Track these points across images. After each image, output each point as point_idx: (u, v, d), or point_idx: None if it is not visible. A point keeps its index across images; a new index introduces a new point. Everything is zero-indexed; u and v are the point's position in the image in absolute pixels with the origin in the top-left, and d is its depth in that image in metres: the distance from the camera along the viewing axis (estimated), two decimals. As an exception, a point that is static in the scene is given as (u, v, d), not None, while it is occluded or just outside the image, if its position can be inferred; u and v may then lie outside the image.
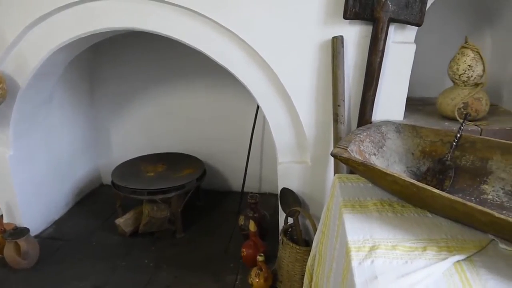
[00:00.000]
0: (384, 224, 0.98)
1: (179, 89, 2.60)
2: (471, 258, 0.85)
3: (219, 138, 2.65)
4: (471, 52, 1.50)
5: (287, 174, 1.75)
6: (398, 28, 1.49)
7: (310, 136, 1.64)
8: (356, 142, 1.17)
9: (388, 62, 1.50)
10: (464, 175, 1.14)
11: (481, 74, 1.51)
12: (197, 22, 1.57)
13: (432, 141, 1.23)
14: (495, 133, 1.48)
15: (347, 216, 1.03)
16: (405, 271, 0.80)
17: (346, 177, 1.28)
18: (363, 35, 1.49)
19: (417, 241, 0.91)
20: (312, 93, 1.58)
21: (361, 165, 1.04)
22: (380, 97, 1.53)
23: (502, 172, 1.08)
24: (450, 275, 0.80)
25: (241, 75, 1.61)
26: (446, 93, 1.60)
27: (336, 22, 1.48)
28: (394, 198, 1.11)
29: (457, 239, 0.92)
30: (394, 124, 1.31)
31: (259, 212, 2.12)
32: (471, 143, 1.16)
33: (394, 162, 1.23)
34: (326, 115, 1.59)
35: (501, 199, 1.05)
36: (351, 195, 1.15)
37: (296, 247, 1.65)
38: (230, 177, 2.76)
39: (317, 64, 1.54)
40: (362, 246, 0.90)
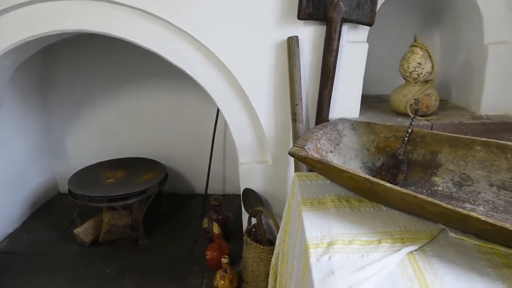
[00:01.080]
0: (341, 219, 1.00)
1: (137, 92, 2.54)
2: (423, 248, 0.89)
3: (181, 140, 2.61)
4: (420, 50, 1.56)
5: (248, 174, 1.75)
6: (351, 28, 1.53)
7: (270, 136, 1.65)
8: (313, 141, 1.19)
9: (343, 61, 1.53)
10: (416, 168, 1.19)
11: (430, 71, 1.58)
12: (151, 23, 1.54)
13: (385, 137, 1.27)
14: (445, 127, 1.55)
15: (306, 214, 1.05)
16: (361, 265, 0.82)
17: (305, 175, 1.30)
18: (318, 35, 1.52)
19: (372, 234, 0.94)
20: (270, 93, 1.59)
21: (318, 163, 1.05)
22: (336, 95, 1.57)
23: (451, 164, 1.13)
24: (404, 266, 0.82)
25: (199, 77, 1.60)
26: (398, 90, 1.66)
27: (291, 23, 1.50)
28: (351, 193, 1.13)
29: (410, 230, 0.95)
30: (350, 122, 1.34)
31: (223, 214, 2.11)
32: (422, 138, 1.20)
33: (351, 159, 1.26)
34: (285, 115, 1.61)
35: (450, 189, 1.10)
36: (310, 193, 1.16)
37: (259, 246, 1.66)
38: (193, 179, 2.73)
39: (274, 64, 1.55)
40: (320, 242, 0.91)
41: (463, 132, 1.55)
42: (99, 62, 2.46)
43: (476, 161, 1.09)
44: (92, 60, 2.46)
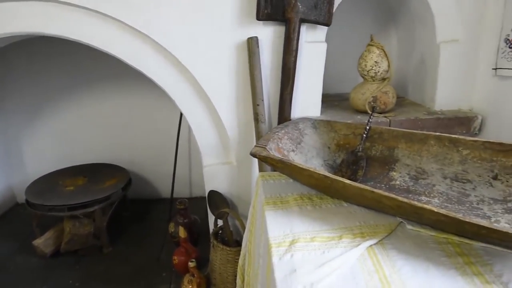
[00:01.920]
0: (303, 217, 1.01)
1: (96, 96, 2.47)
2: (382, 242, 0.91)
3: (144, 144, 2.56)
4: (377, 49, 1.60)
5: (213, 176, 1.74)
6: (310, 28, 1.55)
7: (233, 137, 1.65)
8: (274, 140, 1.20)
9: (303, 61, 1.55)
10: (375, 164, 1.22)
11: (387, 69, 1.62)
12: (107, 25, 1.49)
13: (345, 134, 1.30)
14: (402, 123, 1.60)
15: (268, 213, 1.05)
16: (322, 261, 0.83)
17: (268, 175, 1.31)
18: (277, 35, 1.53)
19: (333, 230, 0.95)
20: (232, 94, 1.58)
21: (279, 162, 1.06)
22: (297, 94, 1.58)
23: (407, 158, 1.17)
24: (364, 260, 0.84)
25: (158, 79, 1.57)
26: (357, 88, 1.70)
27: (250, 23, 1.50)
28: (313, 191, 1.14)
29: (370, 224, 0.97)
30: (311, 120, 1.36)
31: (189, 218, 2.09)
32: (379, 134, 1.24)
33: (312, 157, 1.27)
34: (247, 115, 1.61)
35: (407, 183, 1.13)
36: (273, 192, 1.17)
37: (226, 248, 1.65)
38: (159, 184, 2.68)
39: (235, 65, 1.55)
40: (282, 241, 0.91)
41: (419, 127, 1.61)
42: (57, 65, 2.38)
43: (430, 155, 1.14)
44: (50, 63, 2.37)
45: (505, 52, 1.52)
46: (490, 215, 0.97)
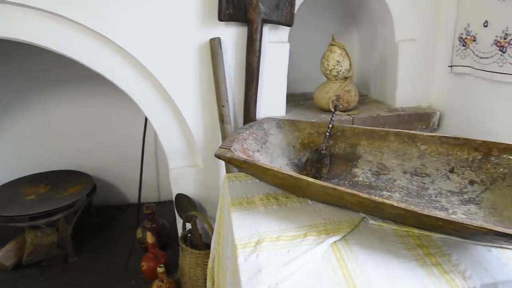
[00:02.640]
0: (269, 217, 1.02)
1: (56, 100, 2.38)
2: (346, 238, 0.93)
3: (109, 149, 2.49)
4: (338, 49, 1.63)
5: (180, 179, 1.72)
6: (272, 28, 1.55)
7: (199, 139, 1.63)
8: (239, 141, 1.19)
9: (266, 61, 1.56)
10: (338, 161, 1.24)
11: (349, 68, 1.66)
12: (64, 26, 1.44)
13: (309, 133, 1.32)
14: (365, 121, 1.64)
15: (234, 215, 1.05)
16: (287, 260, 0.83)
17: (234, 176, 1.30)
18: (240, 36, 1.52)
19: (299, 228, 0.96)
20: (196, 95, 1.57)
21: (244, 163, 1.06)
22: (262, 95, 1.59)
23: (369, 155, 1.20)
24: (328, 257, 0.85)
25: (120, 82, 1.53)
26: (321, 87, 1.72)
27: (213, 24, 1.49)
28: (279, 191, 1.15)
29: (334, 221, 0.99)
30: (275, 120, 1.37)
31: (157, 222, 2.05)
32: (342, 132, 1.26)
33: (278, 156, 1.28)
34: (213, 117, 1.59)
35: (369, 179, 1.16)
36: (239, 193, 1.16)
37: (195, 252, 1.63)
38: (125, 189, 2.62)
39: (198, 66, 1.53)
40: (248, 242, 0.91)
41: (381, 124, 1.65)
42: (13, 70, 2.27)
43: (390, 151, 1.17)
44: (8, 66, 2.26)
45: (459, 50, 1.59)
46: (448, 207, 1.01)
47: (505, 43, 1.34)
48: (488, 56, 1.42)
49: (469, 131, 1.56)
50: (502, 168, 1.01)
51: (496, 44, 1.38)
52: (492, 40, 1.40)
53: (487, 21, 1.42)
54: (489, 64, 1.42)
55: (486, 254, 0.87)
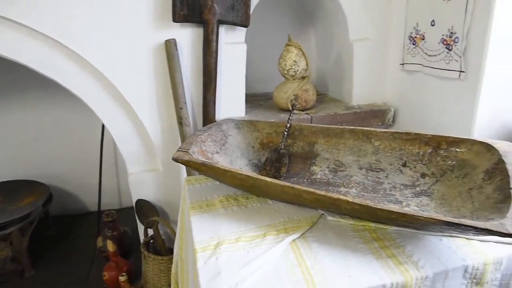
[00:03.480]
0: (229, 219, 1.01)
1: (8, 107, 2.26)
2: (305, 235, 0.94)
3: (65, 156, 2.39)
4: (295, 49, 1.65)
5: (140, 184, 1.68)
6: (229, 29, 1.55)
7: (157, 142, 1.60)
8: (197, 143, 1.18)
9: (223, 62, 1.55)
10: (297, 160, 1.25)
11: (306, 68, 1.68)
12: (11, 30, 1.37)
13: (268, 133, 1.32)
14: (323, 119, 1.67)
15: (194, 218, 1.03)
16: (247, 261, 0.83)
17: (194, 179, 1.29)
18: (196, 37, 1.51)
19: (258, 229, 0.96)
20: (153, 98, 1.54)
21: (202, 165, 1.04)
22: (221, 96, 1.58)
23: (326, 153, 1.22)
24: (287, 255, 0.86)
25: (73, 87, 1.47)
26: (279, 87, 1.74)
27: (167, 26, 1.47)
28: (239, 192, 1.15)
29: (293, 219, 1.00)
30: (234, 121, 1.36)
31: (118, 230, 1.99)
32: (299, 131, 1.27)
33: (237, 157, 1.28)
34: (171, 119, 1.57)
35: (327, 176, 1.18)
36: (198, 196, 1.15)
37: (158, 258, 1.60)
38: (84, 197, 2.53)
39: (154, 68, 1.50)
40: (208, 245, 0.90)
41: (339, 122, 1.69)
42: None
43: (346, 148, 1.19)
44: None
45: (410, 48, 1.65)
46: (402, 199, 1.05)
47: (450, 41, 1.40)
48: (436, 54, 1.49)
49: (422, 126, 1.63)
50: (450, 161, 1.06)
51: (442, 42, 1.45)
52: (439, 39, 1.46)
53: (434, 21, 1.48)
54: (437, 61, 1.48)
55: (437, 244, 0.91)
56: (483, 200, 0.90)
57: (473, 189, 0.96)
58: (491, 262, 0.86)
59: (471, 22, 1.31)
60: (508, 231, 0.72)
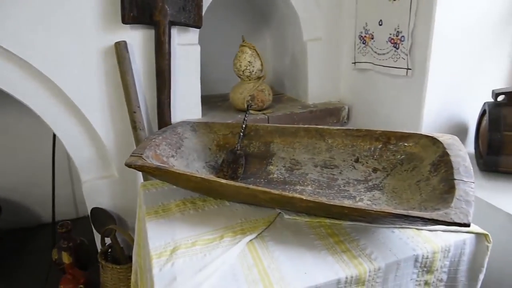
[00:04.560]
0: (185, 223, 1.00)
1: None
2: (262, 235, 0.94)
3: (15, 166, 2.27)
4: (249, 49, 1.66)
5: (94, 192, 1.62)
6: (181, 31, 1.53)
7: (111, 148, 1.55)
8: (151, 147, 1.15)
9: (177, 64, 1.53)
10: (254, 160, 1.26)
11: (261, 68, 1.69)
12: None
13: (224, 134, 1.31)
14: (280, 119, 1.69)
15: (150, 224, 1.01)
16: (203, 265, 0.82)
17: (150, 183, 1.26)
18: (147, 39, 1.48)
19: (215, 231, 0.95)
20: (104, 102, 1.49)
21: (156, 170, 1.02)
22: (176, 98, 1.56)
23: (282, 152, 1.23)
24: (244, 256, 0.86)
25: (17, 92, 1.40)
26: (235, 88, 1.74)
27: (117, 28, 1.43)
28: (196, 195, 1.14)
29: (251, 220, 1.00)
30: (189, 124, 1.34)
31: (73, 241, 1.91)
32: (255, 131, 1.28)
33: (194, 160, 1.26)
34: (125, 124, 1.52)
35: (283, 175, 1.19)
36: (154, 201, 1.13)
37: (116, 267, 1.55)
38: (37, 208, 2.41)
39: (104, 71, 1.45)
40: (163, 251, 0.88)
41: (295, 121, 1.71)
42: None
43: (301, 146, 1.21)
44: None
45: (360, 48, 1.70)
46: (355, 194, 1.07)
47: (397, 40, 1.46)
48: (385, 53, 1.54)
49: (376, 122, 1.68)
50: (399, 155, 1.10)
51: (390, 41, 1.50)
52: (386, 38, 1.52)
53: (381, 20, 1.54)
54: (386, 59, 1.54)
55: (390, 236, 0.94)
56: (430, 192, 0.94)
57: (421, 181, 1.00)
58: (440, 250, 0.90)
59: (415, 21, 1.36)
60: (453, 220, 0.75)
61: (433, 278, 0.93)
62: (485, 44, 1.39)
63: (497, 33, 1.39)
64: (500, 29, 1.39)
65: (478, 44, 1.38)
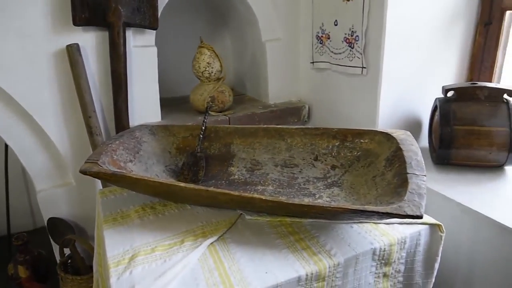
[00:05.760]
0: (145, 229, 0.98)
1: None
2: (223, 237, 0.94)
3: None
4: (207, 50, 1.65)
5: (51, 201, 1.55)
6: (137, 32, 1.50)
7: (67, 155, 1.49)
8: (108, 153, 1.12)
9: (134, 66, 1.50)
10: (214, 162, 1.25)
11: (220, 69, 1.68)
12: None
13: (184, 137, 1.30)
14: (241, 119, 1.69)
15: (107, 232, 0.98)
16: (163, 270, 0.80)
17: (109, 190, 1.23)
18: (101, 41, 1.44)
19: (175, 236, 0.94)
20: (58, 108, 1.43)
21: (113, 176, 0.99)
22: (133, 101, 1.52)
23: (243, 153, 1.23)
24: (205, 259, 0.85)
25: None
26: (195, 89, 1.72)
27: (68, 30, 1.38)
28: (156, 199, 1.12)
29: (212, 223, 0.99)
30: (148, 127, 1.32)
31: (31, 253, 1.82)
32: (215, 133, 1.27)
33: (153, 164, 1.24)
34: (80, 129, 1.47)
35: (244, 176, 1.19)
36: (113, 208, 1.10)
37: (76, 278, 1.49)
38: (-10, 221, 2.28)
39: (56, 76, 1.40)
40: (122, 259, 0.86)
41: (256, 121, 1.72)
42: None
43: (261, 146, 1.22)
44: None
45: (318, 47, 1.73)
46: (315, 192, 1.09)
47: (352, 40, 1.49)
48: (341, 52, 1.57)
49: (335, 120, 1.72)
50: (356, 152, 1.13)
51: (345, 41, 1.54)
52: (342, 37, 1.55)
53: (336, 20, 1.57)
54: (342, 59, 1.57)
55: (349, 231, 0.96)
56: (385, 186, 0.97)
57: (376, 177, 1.03)
58: (396, 242, 0.93)
59: (368, 22, 1.40)
60: (406, 212, 0.78)
61: (391, 270, 0.96)
62: (435, 42, 1.45)
63: (446, 32, 1.45)
64: (448, 28, 1.45)
65: (428, 43, 1.43)
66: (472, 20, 1.49)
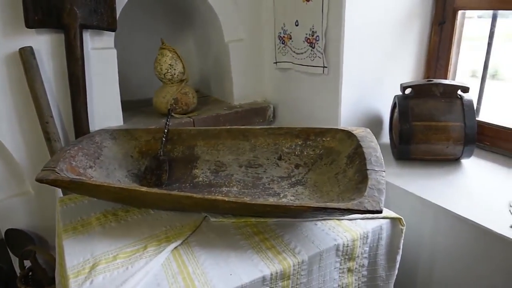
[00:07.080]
0: (106, 236, 0.95)
1: None
2: (188, 241, 0.93)
3: None
4: (169, 52, 1.62)
5: (8, 212, 1.48)
6: (95, 34, 1.45)
7: (23, 163, 1.43)
8: (66, 159, 1.08)
9: (92, 69, 1.45)
10: (178, 165, 1.23)
11: (182, 71, 1.66)
12: None
13: (146, 140, 1.27)
14: (205, 121, 1.67)
15: (67, 242, 0.95)
16: (125, 278, 0.79)
17: (69, 198, 1.19)
18: (57, 43, 1.38)
19: (138, 242, 0.92)
20: (12, 114, 1.36)
21: (71, 183, 0.96)
22: (93, 105, 1.48)
23: (206, 155, 1.23)
24: (168, 264, 0.84)
25: None
26: (158, 92, 1.69)
27: (21, 32, 1.31)
28: (118, 206, 1.09)
29: (176, 226, 0.98)
30: (109, 132, 1.28)
31: (-13, 267, 1.74)
32: (178, 135, 1.26)
33: (115, 169, 1.21)
34: (37, 135, 1.41)
35: (209, 178, 1.18)
36: (73, 217, 1.07)
37: (37, 291, 1.43)
38: None
39: (9, 80, 1.33)
40: (82, 269, 0.84)
41: (221, 122, 1.71)
42: None
43: (225, 147, 1.21)
44: None
45: (280, 48, 1.74)
46: (279, 191, 1.10)
47: (313, 40, 1.51)
48: (302, 52, 1.59)
49: (300, 120, 1.73)
50: (318, 150, 1.15)
51: (306, 41, 1.55)
52: (303, 38, 1.57)
53: (297, 21, 1.59)
54: (304, 58, 1.59)
55: (313, 228, 0.97)
56: (346, 183, 0.99)
57: (338, 174, 1.05)
58: (359, 238, 0.96)
59: (327, 22, 1.42)
60: (366, 208, 0.80)
61: (355, 265, 0.98)
62: (393, 42, 1.49)
63: (403, 31, 1.50)
64: (405, 28, 1.50)
65: (386, 42, 1.47)
66: (427, 20, 1.55)
